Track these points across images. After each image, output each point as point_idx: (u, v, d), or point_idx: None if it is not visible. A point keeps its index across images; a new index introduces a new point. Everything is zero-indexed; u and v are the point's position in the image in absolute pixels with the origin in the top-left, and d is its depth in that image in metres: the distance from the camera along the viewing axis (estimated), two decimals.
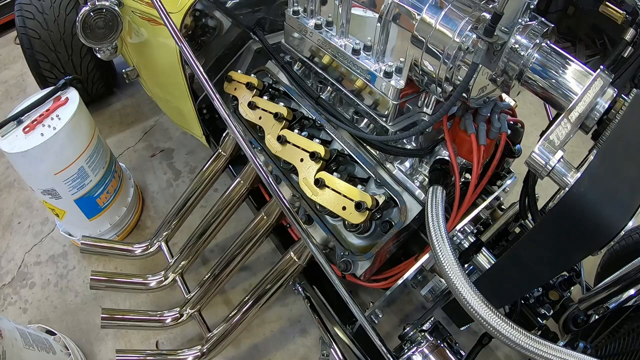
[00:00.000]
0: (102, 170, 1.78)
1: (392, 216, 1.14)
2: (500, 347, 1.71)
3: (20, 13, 2.10)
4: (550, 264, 0.79)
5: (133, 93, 2.79)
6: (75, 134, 1.62)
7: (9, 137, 1.51)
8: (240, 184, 1.52)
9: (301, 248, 1.30)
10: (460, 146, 1.10)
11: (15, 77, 3.01)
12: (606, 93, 0.78)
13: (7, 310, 1.83)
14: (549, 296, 1.27)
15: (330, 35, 1.22)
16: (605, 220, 0.66)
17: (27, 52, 2.15)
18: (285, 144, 1.21)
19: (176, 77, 1.55)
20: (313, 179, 1.12)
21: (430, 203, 0.97)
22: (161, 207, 2.18)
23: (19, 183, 2.32)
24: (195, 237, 1.56)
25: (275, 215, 1.39)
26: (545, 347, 0.73)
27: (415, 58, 0.98)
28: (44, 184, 1.62)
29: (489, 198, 1.23)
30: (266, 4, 1.57)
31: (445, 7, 0.92)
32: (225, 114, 0.97)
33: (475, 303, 0.79)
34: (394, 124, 1.13)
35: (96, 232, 1.89)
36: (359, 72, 1.14)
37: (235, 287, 1.86)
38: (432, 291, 1.17)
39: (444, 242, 0.87)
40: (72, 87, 1.69)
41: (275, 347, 1.71)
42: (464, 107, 1.10)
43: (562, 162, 0.74)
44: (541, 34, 0.84)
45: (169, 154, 2.44)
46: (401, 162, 1.17)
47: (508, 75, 0.88)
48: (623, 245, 1.51)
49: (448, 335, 1.13)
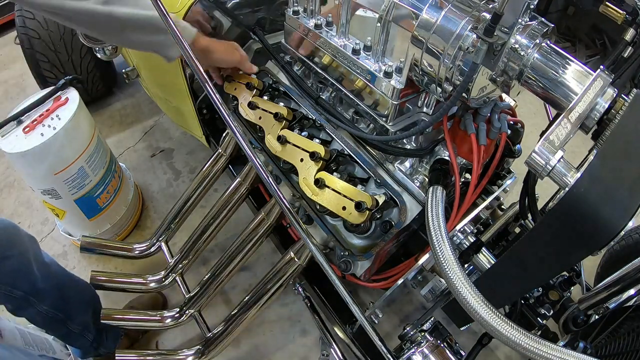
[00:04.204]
0: (102, 170, 1.78)
1: (392, 216, 1.14)
2: (500, 347, 1.71)
3: (20, 13, 2.10)
4: (550, 264, 0.79)
5: (133, 93, 2.79)
6: (75, 134, 1.62)
7: (9, 137, 1.51)
8: (240, 184, 1.52)
9: (301, 248, 1.30)
10: (460, 146, 1.10)
11: (15, 77, 3.01)
12: (606, 93, 0.78)
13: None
14: (549, 296, 1.27)
15: (330, 35, 1.22)
16: (605, 220, 0.66)
17: (27, 52, 2.15)
18: (285, 144, 1.21)
19: (176, 77, 1.55)
20: (313, 179, 1.12)
21: (430, 203, 0.97)
22: (161, 207, 2.18)
23: (19, 183, 2.32)
24: (195, 237, 1.56)
25: (275, 215, 1.39)
26: (545, 347, 0.73)
27: (415, 58, 0.98)
28: (44, 184, 1.62)
29: (489, 198, 1.23)
30: (266, 4, 1.57)
31: (445, 7, 0.92)
32: (225, 114, 0.97)
33: (475, 303, 0.79)
34: (394, 124, 1.13)
35: (96, 232, 1.89)
36: (359, 72, 1.14)
37: (235, 287, 1.86)
38: (432, 291, 1.17)
39: (444, 242, 0.87)
40: (72, 87, 1.69)
41: (275, 347, 1.71)
42: (464, 107, 1.10)
43: (562, 162, 0.73)
44: (541, 34, 0.84)
45: (169, 154, 2.44)
46: (401, 162, 1.17)
47: (508, 75, 0.88)
48: (623, 245, 1.51)
49: (448, 335, 1.13)
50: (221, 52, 1.33)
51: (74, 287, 1.45)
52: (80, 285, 1.49)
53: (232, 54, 1.36)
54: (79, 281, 1.50)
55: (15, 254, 1.24)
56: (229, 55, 1.35)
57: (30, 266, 1.28)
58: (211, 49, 1.30)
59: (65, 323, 1.39)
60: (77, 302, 1.43)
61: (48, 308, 1.33)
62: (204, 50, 1.28)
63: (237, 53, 1.37)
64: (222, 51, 1.33)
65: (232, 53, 1.36)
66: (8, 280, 1.23)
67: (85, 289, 1.50)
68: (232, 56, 1.36)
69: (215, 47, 1.30)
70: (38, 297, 1.30)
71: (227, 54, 1.35)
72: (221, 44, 1.33)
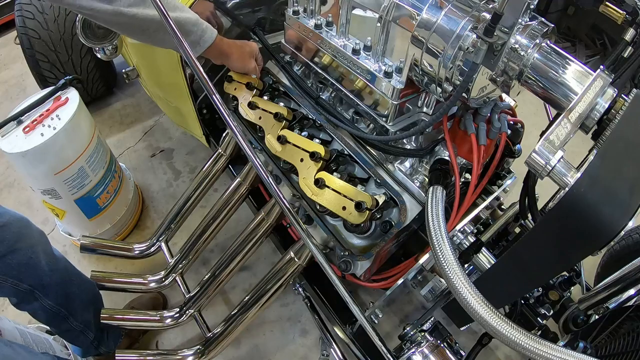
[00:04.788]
0: (102, 170, 1.78)
1: (392, 216, 1.14)
2: (500, 347, 1.71)
3: (20, 13, 2.10)
4: (550, 264, 0.79)
5: (133, 93, 2.79)
6: (75, 134, 1.62)
7: (9, 137, 1.51)
8: (240, 184, 1.52)
9: (301, 248, 1.30)
10: (460, 146, 1.10)
11: (15, 77, 3.01)
12: (606, 93, 0.78)
13: (7, 310, 1.83)
14: (549, 296, 1.27)
15: (330, 35, 1.22)
16: (605, 220, 0.66)
17: (27, 52, 2.15)
18: (285, 144, 1.21)
19: (176, 77, 1.55)
20: (313, 179, 1.12)
21: (430, 203, 0.97)
22: (161, 207, 2.18)
23: (19, 183, 2.32)
24: (195, 237, 1.56)
25: (275, 215, 1.39)
26: (545, 347, 0.73)
27: (415, 58, 0.99)
28: (44, 184, 1.62)
29: (489, 198, 1.23)
30: (266, 4, 1.57)
31: (445, 7, 0.92)
32: (225, 114, 0.97)
33: (475, 303, 0.79)
34: (394, 124, 1.13)
35: (96, 232, 1.89)
36: (359, 72, 1.14)
37: (235, 287, 1.86)
38: (432, 291, 1.17)
39: (444, 242, 0.87)
40: (72, 87, 1.68)
41: (275, 347, 1.71)
42: (464, 107, 1.10)
43: (562, 162, 0.73)
44: (541, 34, 0.84)
45: (169, 154, 2.44)
46: (401, 162, 1.17)
47: (508, 75, 0.88)
48: (623, 245, 1.51)
49: (448, 335, 1.13)
50: (236, 59, 1.33)
51: (79, 284, 1.45)
52: (86, 283, 1.50)
53: (246, 62, 1.36)
54: (85, 279, 1.51)
55: (24, 248, 1.24)
56: (243, 63, 1.35)
57: (38, 260, 1.28)
58: (227, 53, 1.30)
59: (68, 319, 1.39)
60: (81, 300, 1.43)
61: (52, 303, 1.33)
62: (221, 53, 1.29)
63: (251, 63, 1.37)
64: (236, 58, 1.33)
65: (247, 62, 1.36)
66: (15, 273, 1.23)
67: (90, 287, 1.51)
68: (245, 65, 1.36)
69: (232, 52, 1.31)
70: (44, 291, 1.31)
71: (241, 61, 1.35)
72: (238, 49, 1.33)
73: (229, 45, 1.30)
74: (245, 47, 1.35)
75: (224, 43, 1.28)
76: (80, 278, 1.48)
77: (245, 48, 1.35)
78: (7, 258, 1.20)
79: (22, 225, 1.27)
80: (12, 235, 1.22)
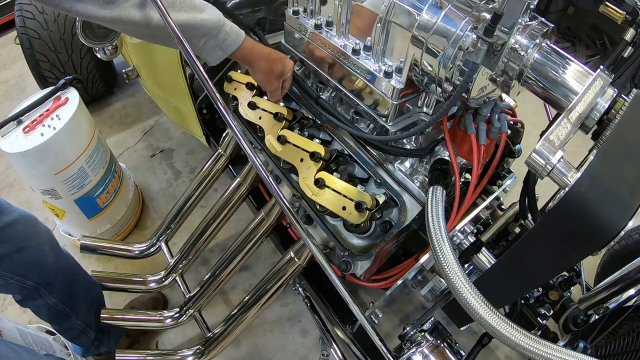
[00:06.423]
0: (102, 170, 1.78)
1: (392, 216, 1.14)
2: (500, 347, 1.71)
3: (20, 13, 2.10)
4: (550, 264, 0.79)
5: (133, 93, 2.79)
6: (75, 134, 1.62)
7: (9, 137, 1.51)
8: (240, 184, 1.52)
9: (301, 248, 1.30)
10: (460, 146, 1.10)
11: (15, 77, 3.01)
12: (606, 93, 0.78)
13: (7, 310, 1.83)
14: (549, 296, 1.27)
15: (330, 35, 1.22)
16: (605, 220, 0.66)
17: (27, 52, 2.15)
18: (285, 144, 1.21)
19: (176, 77, 1.55)
20: (313, 179, 1.12)
21: (430, 203, 0.97)
22: (161, 207, 2.18)
23: (19, 183, 2.32)
24: (195, 237, 1.56)
25: (275, 215, 1.39)
26: (545, 347, 0.73)
27: (415, 58, 0.98)
28: (44, 184, 1.62)
29: (489, 198, 1.23)
30: (266, 4, 1.57)
31: (445, 7, 0.92)
32: (225, 114, 0.97)
33: (475, 303, 0.79)
34: (394, 124, 1.13)
35: (96, 232, 1.89)
36: (359, 72, 1.14)
37: (235, 287, 1.86)
38: (432, 291, 1.17)
39: (444, 242, 0.87)
40: (72, 87, 1.69)
41: (275, 347, 1.71)
42: (464, 107, 1.10)
43: (562, 162, 0.73)
44: (541, 34, 0.84)
45: (169, 154, 2.44)
46: (401, 162, 1.17)
47: (508, 75, 0.88)
48: (623, 245, 1.51)
49: (448, 335, 1.13)
50: (260, 72, 1.18)
51: (84, 282, 1.46)
52: (90, 282, 1.50)
53: (270, 80, 1.20)
54: (90, 278, 1.51)
55: (32, 246, 1.24)
56: (266, 80, 1.21)
57: (45, 258, 1.28)
58: (253, 64, 1.16)
59: (70, 318, 1.39)
60: (84, 298, 1.43)
61: (56, 301, 1.34)
62: (245, 61, 1.16)
63: (275, 84, 1.21)
64: (261, 72, 1.18)
65: (271, 81, 1.21)
66: (21, 270, 1.23)
67: (94, 286, 1.51)
68: (268, 83, 1.21)
69: (258, 64, 1.16)
70: (49, 288, 1.31)
71: (265, 77, 1.20)
72: (267, 64, 1.17)
73: (258, 56, 1.15)
74: (276, 64, 1.18)
75: (252, 51, 1.13)
76: (85, 277, 1.49)
77: (276, 66, 1.18)
78: (15, 256, 1.20)
79: (30, 223, 1.26)
80: (20, 234, 1.21)
